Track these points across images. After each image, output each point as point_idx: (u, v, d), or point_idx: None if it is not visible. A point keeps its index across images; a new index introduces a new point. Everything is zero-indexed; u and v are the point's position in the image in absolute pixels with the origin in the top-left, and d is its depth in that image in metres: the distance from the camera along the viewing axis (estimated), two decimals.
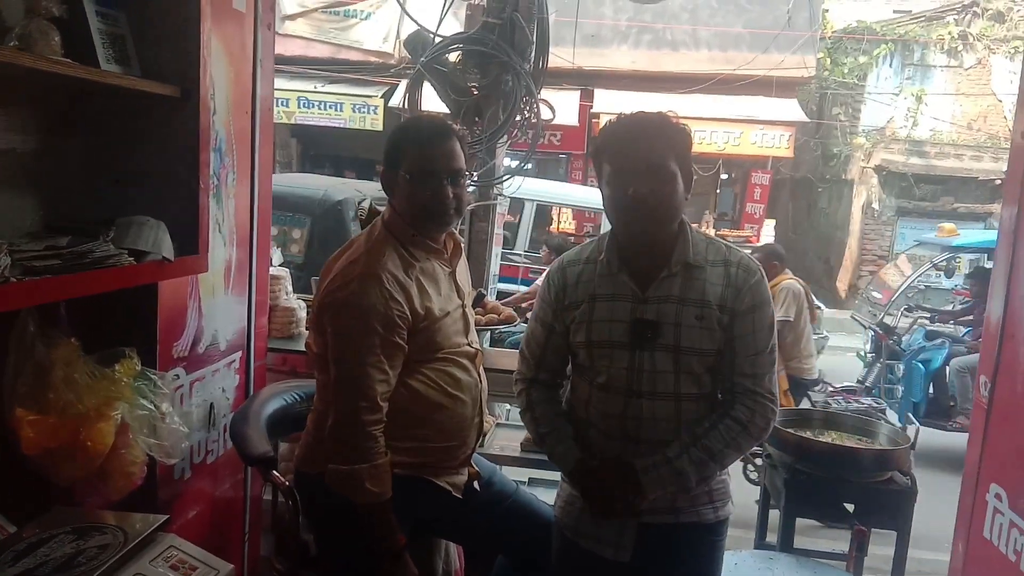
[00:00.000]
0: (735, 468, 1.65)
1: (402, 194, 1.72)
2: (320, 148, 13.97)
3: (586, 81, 11.37)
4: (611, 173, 1.54)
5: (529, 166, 5.31)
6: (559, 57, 7.95)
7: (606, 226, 2.17)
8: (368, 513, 1.62)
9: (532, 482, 3.02)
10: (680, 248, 1.57)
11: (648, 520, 1.60)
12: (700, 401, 1.58)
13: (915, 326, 6.29)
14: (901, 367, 5.90)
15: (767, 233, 11.55)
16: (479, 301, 2.87)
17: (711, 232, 8.98)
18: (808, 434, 2.72)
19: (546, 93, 3.45)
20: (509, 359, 2.82)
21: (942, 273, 7.30)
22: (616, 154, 1.54)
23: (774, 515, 2.79)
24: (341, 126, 11.97)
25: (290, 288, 2.98)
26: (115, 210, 1.60)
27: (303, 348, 2.70)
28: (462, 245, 1.90)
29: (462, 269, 1.88)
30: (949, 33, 12.71)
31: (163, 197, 1.67)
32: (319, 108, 11.78)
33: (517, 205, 8.11)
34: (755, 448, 1.96)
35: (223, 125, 1.99)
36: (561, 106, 5.06)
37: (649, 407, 1.55)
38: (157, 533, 1.50)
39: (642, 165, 1.50)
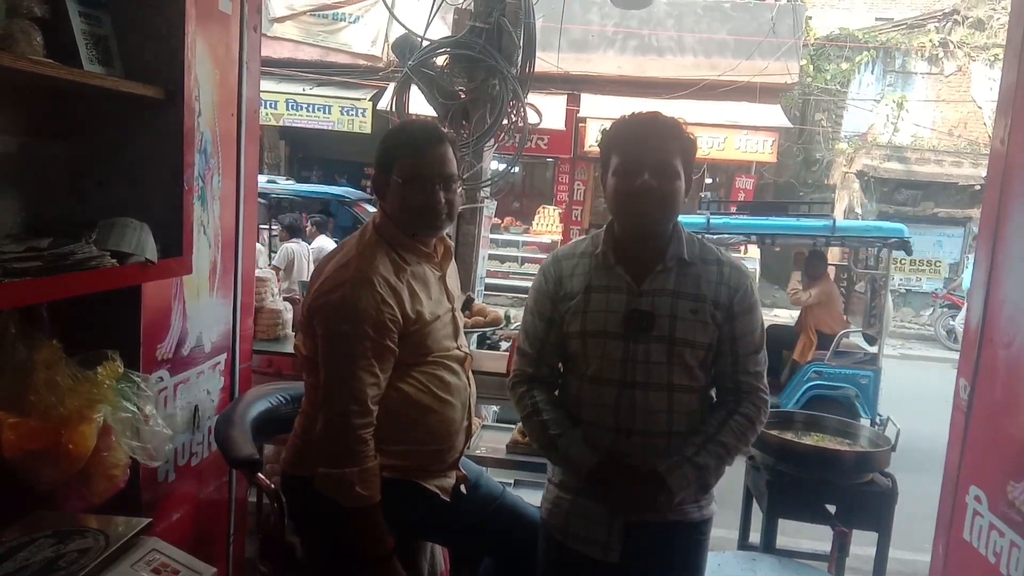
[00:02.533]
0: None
1: (394, 198, 1.72)
2: (308, 150, 13.95)
3: (573, 86, 11.43)
4: (619, 164, 1.58)
5: (516, 169, 5.32)
6: (546, 62, 7.97)
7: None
8: (356, 517, 1.62)
9: (518, 484, 3.01)
10: (675, 244, 1.62)
11: (635, 518, 1.61)
12: (692, 394, 1.61)
13: None
14: None
15: None
16: (468, 306, 2.88)
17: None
18: (790, 436, 2.75)
19: (533, 97, 3.46)
20: (495, 361, 2.82)
21: None
22: (628, 147, 1.58)
23: (757, 516, 2.81)
24: (329, 128, 11.98)
25: (276, 290, 2.97)
26: (98, 212, 1.59)
27: (289, 350, 2.70)
28: (452, 249, 1.91)
29: (452, 273, 1.89)
30: (930, 40, 12.90)
31: (147, 199, 1.66)
32: (307, 111, 11.78)
33: None
34: None
35: (208, 127, 1.98)
36: (548, 110, 5.08)
37: (643, 397, 1.57)
38: (139, 536, 1.49)
39: (652, 159, 1.55)
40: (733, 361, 1.63)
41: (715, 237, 5.44)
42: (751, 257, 10.47)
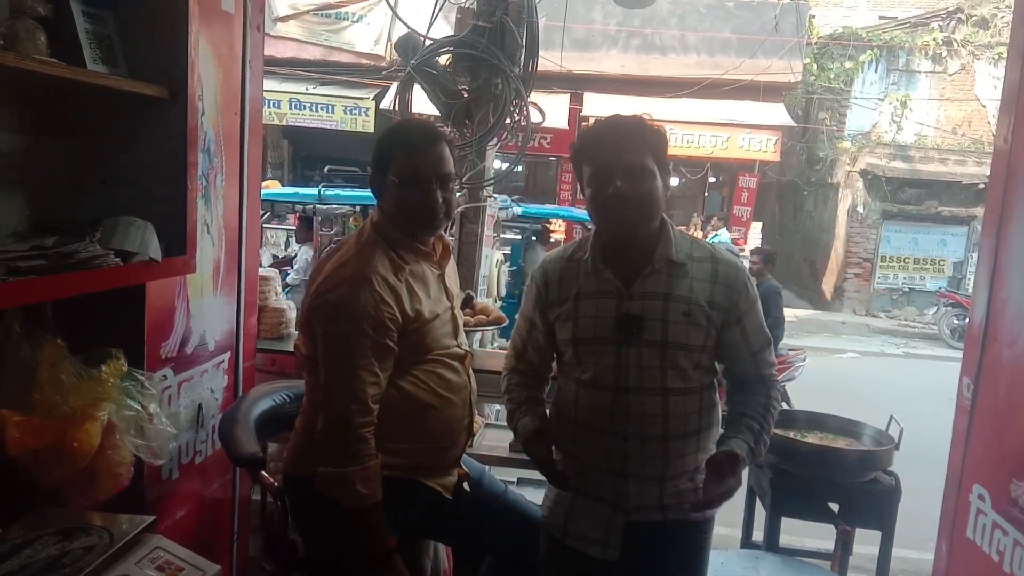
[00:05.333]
0: None
1: (391, 198, 1.72)
2: (311, 149, 13.98)
3: (576, 85, 11.43)
4: (591, 174, 1.59)
5: (519, 168, 5.33)
6: (549, 61, 7.98)
7: None
8: (358, 515, 1.62)
9: (521, 482, 3.02)
10: (663, 245, 1.61)
11: (636, 518, 1.61)
12: (687, 396, 1.60)
13: None
14: None
15: (754, 235, 11.65)
16: (468, 303, 2.88)
17: (698, 235, 9.05)
18: (793, 434, 2.75)
19: (536, 96, 3.46)
20: (498, 360, 2.82)
21: None
22: (596, 155, 1.59)
23: (760, 514, 2.81)
24: (332, 128, 12.00)
25: (279, 289, 2.98)
26: (102, 210, 1.59)
27: (292, 349, 2.70)
28: (451, 247, 1.91)
29: (451, 271, 1.89)
30: (934, 39, 12.87)
31: (151, 198, 1.66)
32: (311, 110, 11.81)
33: None
34: None
35: (212, 126, 1.98)
36: (551, 109, 5.10)
37: (637, 402, 1.57)
38: (144, 534, 1.49)
39: (621, 164, 1.55)
40: (752, 359, 1.66)
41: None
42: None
